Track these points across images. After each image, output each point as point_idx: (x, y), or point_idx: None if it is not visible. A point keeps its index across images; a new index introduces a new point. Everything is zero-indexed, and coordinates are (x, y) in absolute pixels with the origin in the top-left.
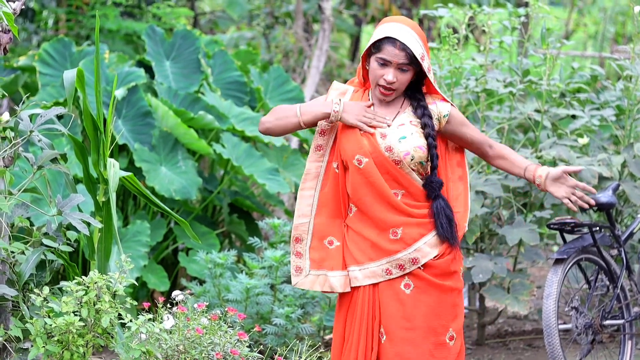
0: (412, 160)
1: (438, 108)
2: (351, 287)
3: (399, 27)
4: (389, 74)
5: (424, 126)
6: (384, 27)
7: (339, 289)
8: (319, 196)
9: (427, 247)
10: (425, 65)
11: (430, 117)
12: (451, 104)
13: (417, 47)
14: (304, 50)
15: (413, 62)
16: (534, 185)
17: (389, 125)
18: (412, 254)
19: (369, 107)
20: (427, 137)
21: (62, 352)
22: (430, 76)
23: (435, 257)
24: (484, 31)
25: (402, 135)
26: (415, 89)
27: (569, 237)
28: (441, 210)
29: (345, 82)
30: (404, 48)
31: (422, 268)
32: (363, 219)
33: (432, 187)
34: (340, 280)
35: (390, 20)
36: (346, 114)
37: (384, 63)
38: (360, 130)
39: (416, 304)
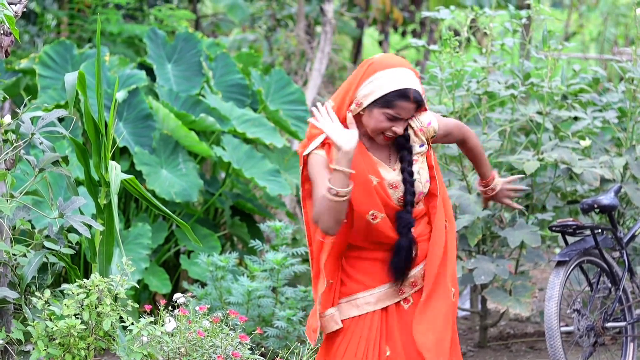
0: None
1: (425, 130)
2: (356, 316)
3: (405, 75)
4: (399, 127)
5: (402, 170)
6: (386, 77)
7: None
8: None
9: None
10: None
11: (410, 162)
12: (433, 115)
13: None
14: (306, 53)
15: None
16: (535, 188)
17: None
18: (422, 269)
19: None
20: (402, 171)
21: (64, 355)
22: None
23: None
24: (485, 33)
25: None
26: None
27: (570, 239)
28: (402, 249)
29: None
30: (417, 100)
31: None
32: (364, 246)
33: (400, 224)
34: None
35: (388, 66)
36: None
37: (394, 118)
38: (372, 182)
39: (410, 320)
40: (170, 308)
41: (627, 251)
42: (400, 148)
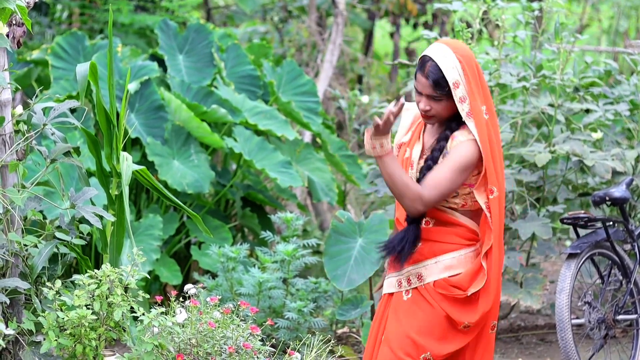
0: None
1: (454, 140)
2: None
3: (437, 48)
4: (421, 103)
5: (427, 158)
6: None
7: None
8: None
9: (437, 267)
10: (459, 94)
11: (439, 151)
12: (473, 140)
13: (451, 73)
14: (317, 45)
15: (443, 90)
16: (547, 180)
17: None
18: (418, 269)
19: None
20: (426, 159)
21: (75, 345)
22: (462, 107)
23: (447, 277)
24: (497, 25)
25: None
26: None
27: (582, 232)
28: (407, 235)
29: (358, 77)
30: (428, 76)
31: (430, 284)
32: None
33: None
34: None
35: (436, 42)
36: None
37: (417, 92)
38: (405, 154)
39: (407, 312)
40: (181, 299)
41: (638, 244)
42: (440, 139)
